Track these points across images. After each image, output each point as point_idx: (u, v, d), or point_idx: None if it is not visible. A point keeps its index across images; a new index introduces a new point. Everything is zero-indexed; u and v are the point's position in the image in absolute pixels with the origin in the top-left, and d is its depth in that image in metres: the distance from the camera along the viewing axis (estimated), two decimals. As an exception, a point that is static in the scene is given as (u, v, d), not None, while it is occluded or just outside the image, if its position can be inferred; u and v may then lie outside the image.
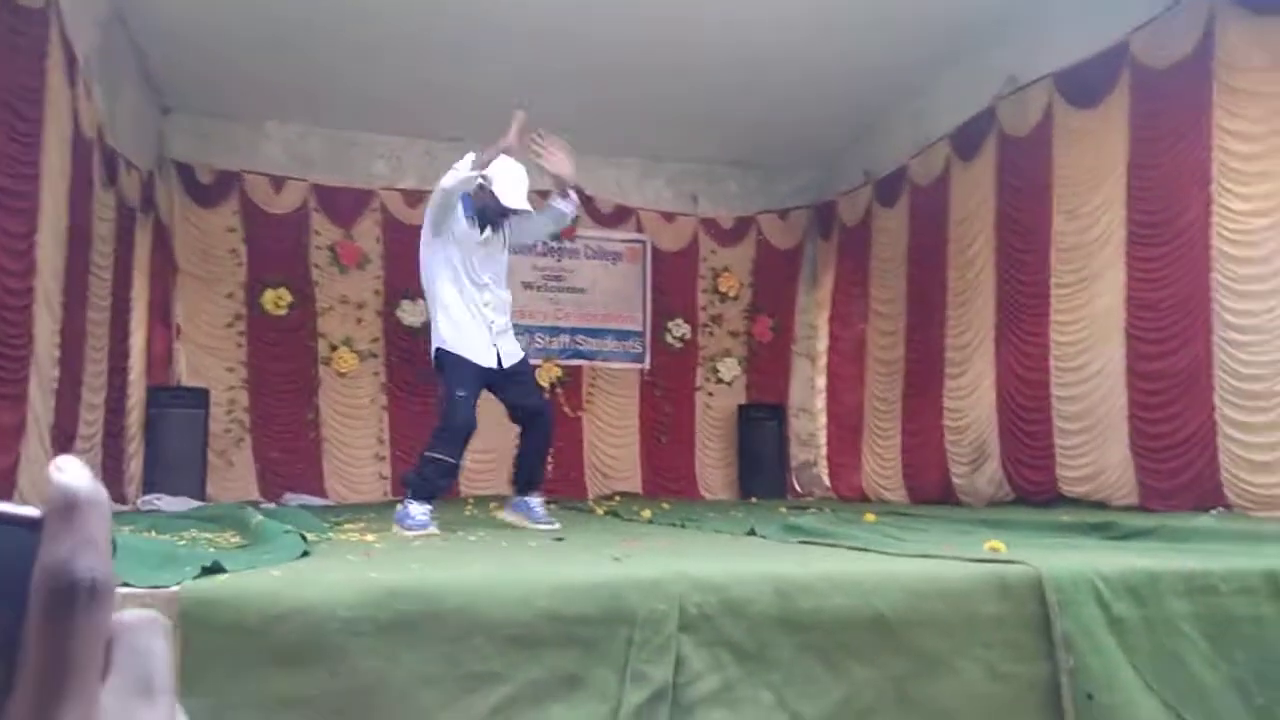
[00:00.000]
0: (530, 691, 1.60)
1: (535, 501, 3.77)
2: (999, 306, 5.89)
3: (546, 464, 4.15)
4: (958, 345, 6.27)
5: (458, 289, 3.73)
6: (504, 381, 3.79)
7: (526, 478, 3.86)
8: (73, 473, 0.28)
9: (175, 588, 1.59)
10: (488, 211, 3.76)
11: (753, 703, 1.65)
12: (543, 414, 3.92)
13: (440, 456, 3.56)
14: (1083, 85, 5.30)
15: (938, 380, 6.39)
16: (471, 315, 3.73)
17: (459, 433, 3.62)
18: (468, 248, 3.74)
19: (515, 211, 3.76)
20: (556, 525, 3.64)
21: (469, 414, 3.62)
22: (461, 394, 3.60)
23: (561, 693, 1.61)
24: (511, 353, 3.86)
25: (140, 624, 0.29)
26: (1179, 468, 4.60)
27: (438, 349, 3.75)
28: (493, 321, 3.79)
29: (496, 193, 3.70)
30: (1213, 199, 4.53)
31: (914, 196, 6.81)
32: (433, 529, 3.38)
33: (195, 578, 1.65)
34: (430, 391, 5.52)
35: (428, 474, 3.56)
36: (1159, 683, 1.77)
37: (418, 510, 3.46)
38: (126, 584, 1.59)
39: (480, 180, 3.69)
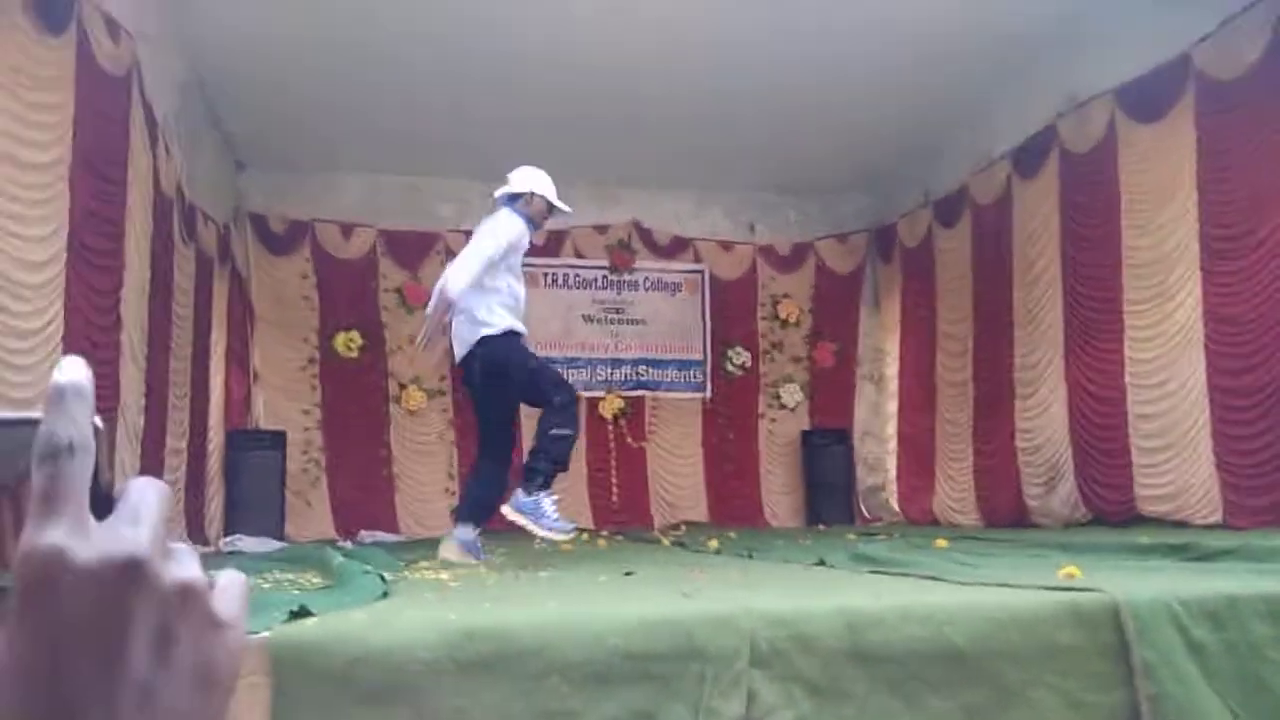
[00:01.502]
0: (605, 728, 1.63)
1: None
2: (1068, 324, 5.79)
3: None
4: (1027, 365, 6.16)
5: (508, 282, 3.80)
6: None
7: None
8: (66, 368, 0.32)
9: (265, 633, 1.67)
10: (536, 218, 3.96)
11: (826, 737, 1.66)
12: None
13: (569, 431, 3.52)
14: (1145, 99, 5.21)
15: (1008, 401, 6.28)
16: (519, 308, 3.83)
17: (574, 401, 3.63)
18: (519, 252, 3.84)
19: (554, 212, 4.01)
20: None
21: (567, 381, 3.70)
22: (552, 367, 3.62)
23: (636, 729, 1.63)
24: None
25: (142, 484, 0.33)
26: (1265, 485, 4.45)
27: (506, 331, 3.70)
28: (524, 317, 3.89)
29: (548, 197, 3.93)
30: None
31: (976, 216, 6.74)
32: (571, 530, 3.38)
33: (283, 622, 1.72)
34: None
35: (561, 453, 3.50)
36: (1243, 708, 1.72)
37: (551, 506, 3.42)
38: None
39: (531, 193, 3.91)
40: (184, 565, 0.32)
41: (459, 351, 3.88)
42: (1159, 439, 5.10)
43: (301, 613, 1.77)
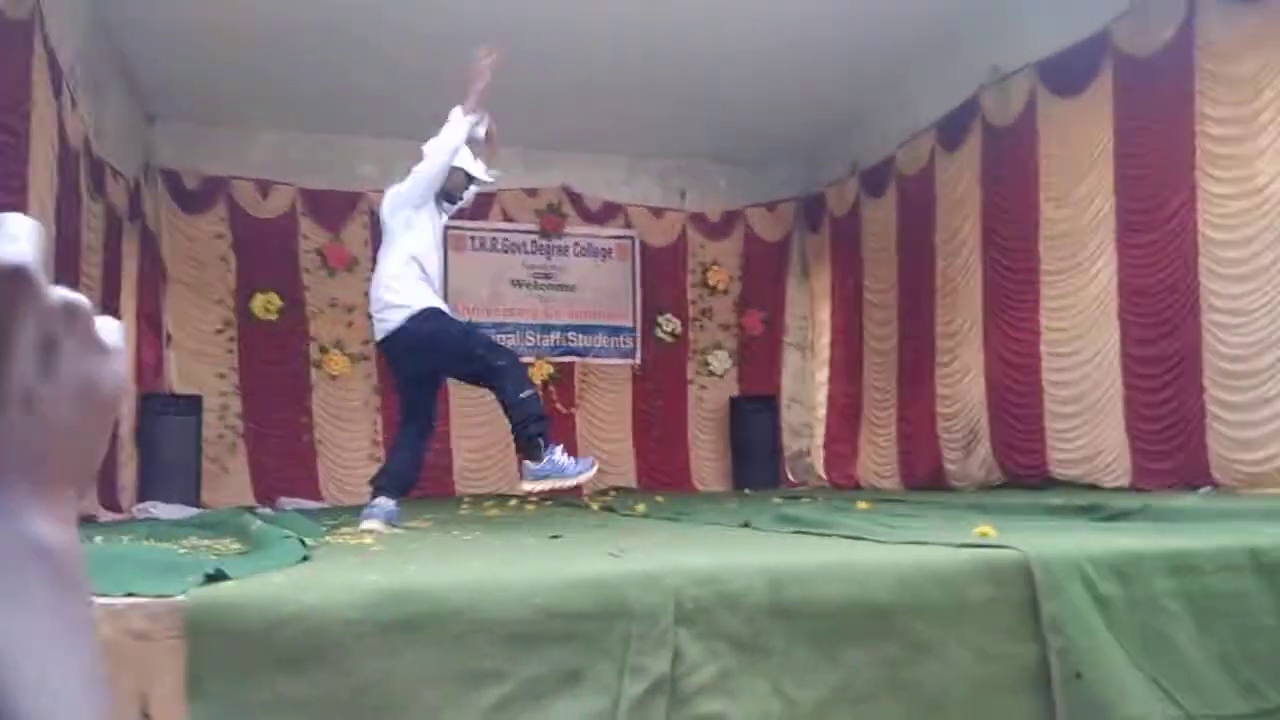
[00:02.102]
0: (531, 687, 1.63)
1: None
2: (987, 294, 5.95)
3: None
4: (948, 333, 6.32)
5: (426, 257, 3.67)
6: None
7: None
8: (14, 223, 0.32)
9: (181, 596, 1.62)
10: (454, 191, 3.84)
11: (749, 692, 1.69)
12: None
13: (533, 392, 3.46)
14: (1065, 74, 5.34)
15: (930, 368, 6.45)
16: (435, 285, 3.69)
17: (517, 362, 3.56)
18: (435, 222, 3.74)
19: (479, 182, 3.87)
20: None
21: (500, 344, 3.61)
22: (481, 331, 3.53)
23: (562, 687, 1.64)
24: None
25: (13, 215, 0.33)
26: (1171, 449, 4.67)
27: (425, 309, 3.57)
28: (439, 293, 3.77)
29: (467, 169, 3.80)
30: (1198, 184, 4.59)
31: (901, 186, 6.85)
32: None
33: (199, 585, 1.67)
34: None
35: (538, 409, 3.45)
36: (1146, 660, 1.81)
37: (563, 456, 3.38)
38: (131, 593, 1.61)
39: (456, 169, 3.80)
40: (66, 290, 0.33)
41: (379, 333, 3.72)
42: (1072, 405, 5.30)
43: (218, 576, 1.73)
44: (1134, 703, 1.76)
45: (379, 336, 3.72)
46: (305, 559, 2.19)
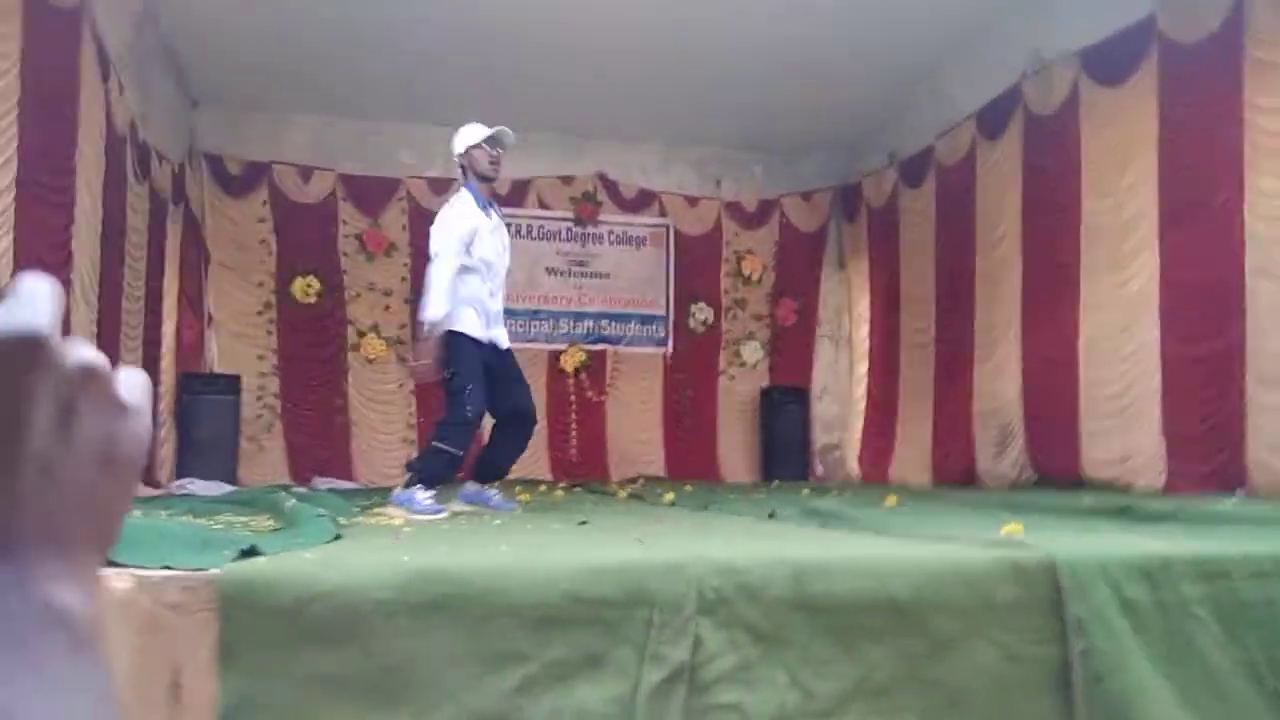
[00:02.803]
0: (554, 670, 1.65)
1: (492, 491, 3.78)
2: (1027, 288, 5.85)
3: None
4: (986, 328, 6.23)
5: (470, 273, 3.69)
6: (497, 368, 3.76)
7: (496, 471, 3.88)
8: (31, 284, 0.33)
9: (215, 571, 1.66)
10: (485, 172, 3.80)
11: (768, 682, 1.70)
12: (532, 416, 3.95)
13: (452, 454, 3.56)
14: (1109, 62, 5.23)
15: (968, 363, 6.36)
16: (478, 299, 3.72)
17: (472, 425, 3.63)
18: (482, 234, 3.74)
19: (496, 144, 3.77)
20: (515, 507, 3.68)
21: (481, 404, 3.62)
22: (472, 385, 3.57)
23: (584, 671, 1.66)
24: (503, 339, 3.86)
25: (31, 277, 0.33)
26: (1209, 452, 4.56)
27: (457, 333, 3.64)
28: (494, 311, 3.81)
29: (471, 150, 3.77)
30: (1245, 178, 4.48)
31: (940, 177, 6.77)
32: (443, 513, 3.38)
33: (233, 560, 1.72)
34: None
35: (441, 470, 3.56)
36: (1170, 666, 1.79)
37: (424, 496, 3.46)
38: (167, 566, 1.66)
39: (463, 153, 3.79)
40: (84, 349, 0.33)
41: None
42: (1109, 405, 5.21)
43: (252, 551, 1.77)
44: (1156, 709, 1.75)
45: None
46: (338, 538, 2.24)
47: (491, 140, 3.78)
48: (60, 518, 0.32)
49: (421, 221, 7.28)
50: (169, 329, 6.45)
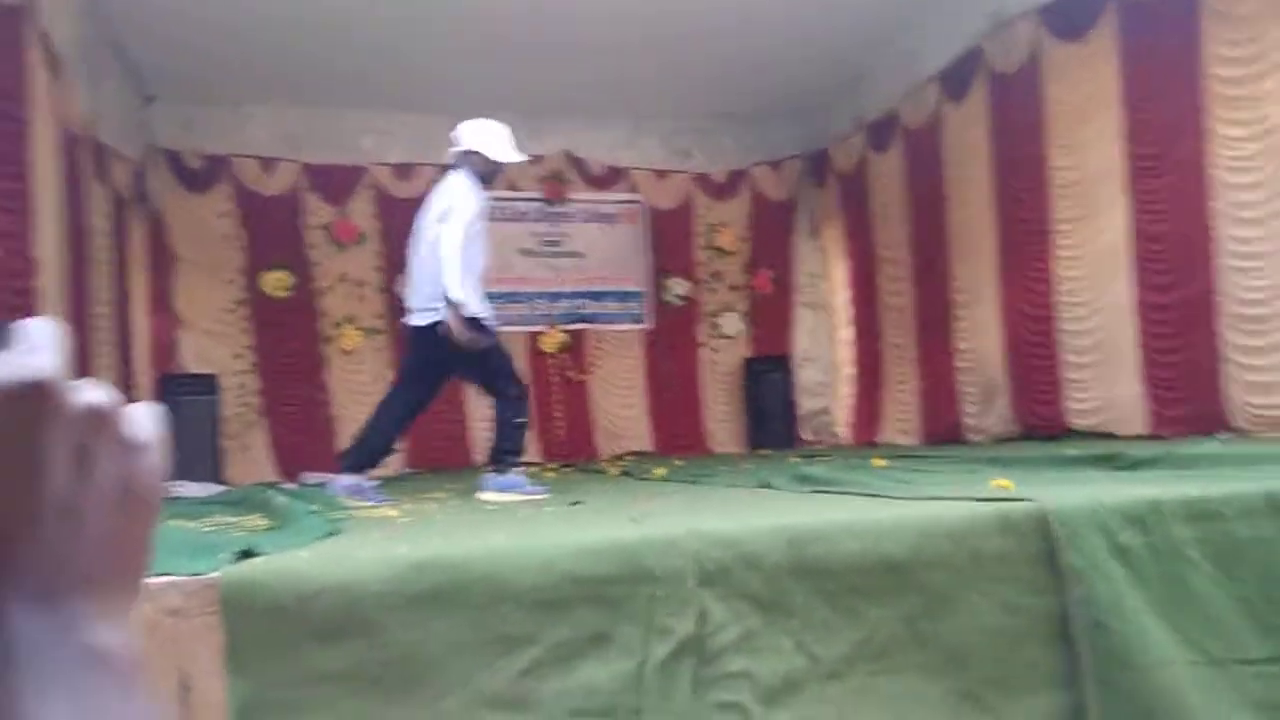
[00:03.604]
0: (559, 651, 1.66)
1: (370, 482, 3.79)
2: (1001, 245, 5.90)
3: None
4: (963, 287, 6.28)
5: (478, 258, 3.76)
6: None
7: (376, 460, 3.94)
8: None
9: (214, 574, 1.65)
10: (487, 176, 3.87)
11: (773, 650, 1.72)
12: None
13: (524, 422, 3.79)
14: (1070, 17, 5.25)
15: (947, 322, 6.41)
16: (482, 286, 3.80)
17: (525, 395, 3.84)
18: (483, 219, 3.80)
19: (505, 164, 3.91)
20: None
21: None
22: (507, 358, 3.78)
23: (590, 650, 1.67)
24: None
25: (35, 322, 0.33)
26: (1187, 395, 4.66)
27: (472, 318, 3.66)
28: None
29: (488, 154, 3.82)
30: (1209, 127, 4.53)
31: (907, 140, 6.78)
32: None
33: (232, 563, 1.70)
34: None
35: (519, 443, 3.75)
36: (1166, 607, 1.83)
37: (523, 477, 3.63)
38: (166, 573, 1.64)
39: (472, 152, 3.82)
40: (92, 391, 0.33)
41: (424, 319, 3.74)
42: (1088, 355, 5.28)
43: (249, 553, 1.76)
44: (1156, 649, 1.78)
45: (417, 322, 3.76)
46: (332, 534, 2.23)
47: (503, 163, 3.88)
48: (88, 560, 0.32)
49: (390, 208, 7.23)
50: (141, 330, 6.36)
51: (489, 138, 3.84)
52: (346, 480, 3.71)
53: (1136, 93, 4.89)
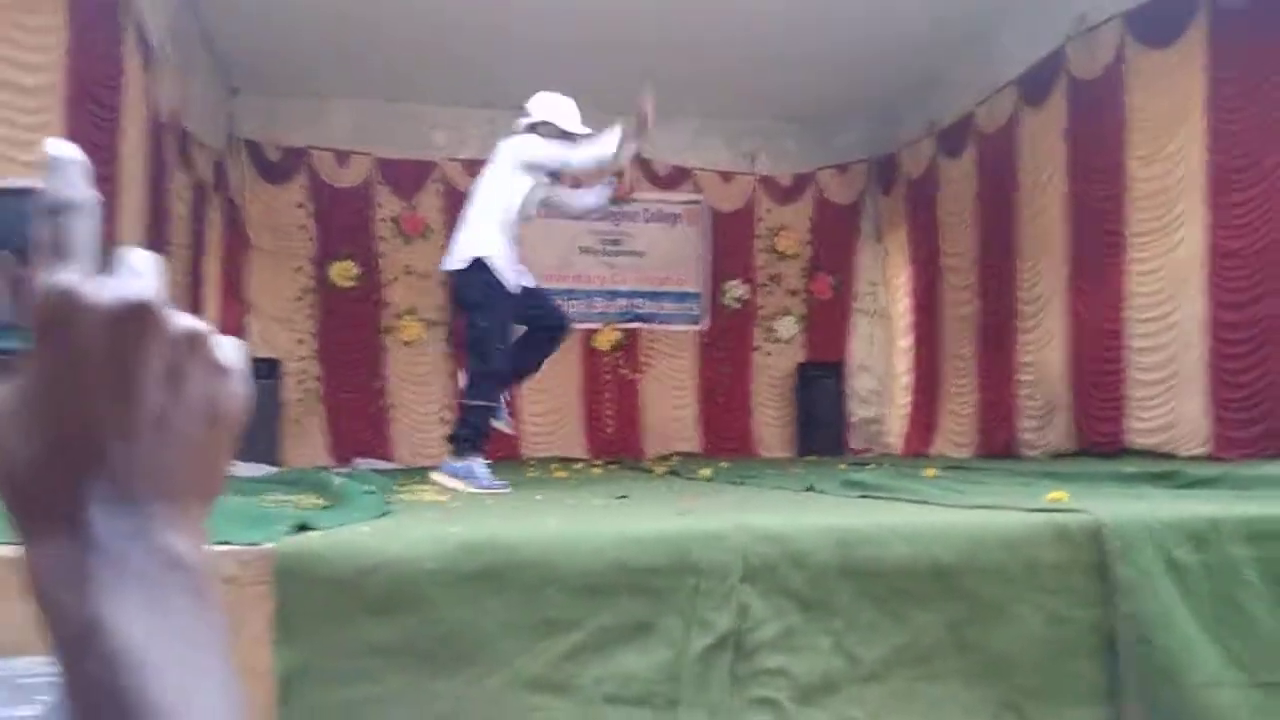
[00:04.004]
0: (602, 637, 1.69)
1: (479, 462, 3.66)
2: (1072, 257, 5.77)
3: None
4: (1030, 298, 6.16)
5: (514, 217, 3.80)
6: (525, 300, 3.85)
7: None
8: (56, 143, 0.36)
9: (269, 545, 1.71)
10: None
11: (813, 649, 1.72)
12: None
13: (485, 405, 3.59)
14: (1156, 24, 5.11)
15: (1012, 334, 6.30)
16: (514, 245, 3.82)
17: (502, 377, 3.67)
18: (537, 186, 3.87)
19: (577, 136, 3.93)
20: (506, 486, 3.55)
21: (506, 356, 3.66)
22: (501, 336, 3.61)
23: (631, 638, 1.69)
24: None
25: (136, 250, 0.35)
26: (1256, 417, 4.51)
27: (476, 260, 3.67)
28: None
29: (561, 124, 3.91)
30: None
31: (981, 145, 6.66)
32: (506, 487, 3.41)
33: (288, 535, 1.77)
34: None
35: (480, 425, 3.57)
36: (1218, 627, 1.79)
37: (482, 469, 3.50)
38: (224, 541, 1.71)
39: (543, 123, 3.91)
40: (188, 316, 0.35)
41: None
42: (1156, 372, 5.14)
43: (305, 526, 1.82)
44: (1203, 670, 1.75)
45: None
46: (386, 514, 2.29)
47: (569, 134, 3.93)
48: (173, 472, 0.34)
49: (456, 203, 7.33)
50: (210, 315, 6.58)
51: (561, 110, 3.92)
52: (455, 464, 3.59)
53: (1223, 102, 4.74)
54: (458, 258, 3.75)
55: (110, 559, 0.32)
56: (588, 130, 4.02)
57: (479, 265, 3.68)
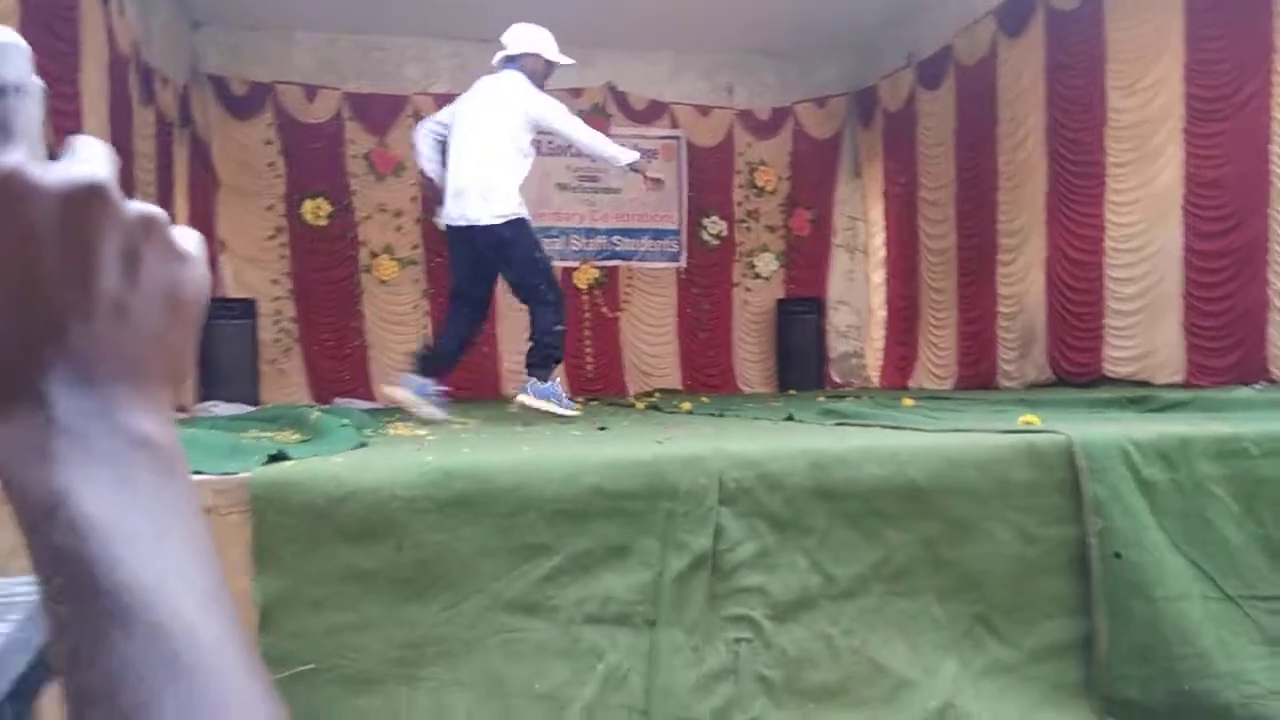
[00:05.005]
0: (580, 560, 1.70)
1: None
2: (1051, 189, 5.76)
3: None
4: (1010, 230, 6.15)
5: (527, 161, 3.83)
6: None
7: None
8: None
9: (245, 474, 1.70)
10: (535, 80, 3.90)
11: (788, 567, 1.74)
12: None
13: (563, 330, 3.74)
14: (1134, -48, 5.04)
15: (991, 267, 6.31)
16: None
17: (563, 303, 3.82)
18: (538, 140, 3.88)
19: (558, 68, 3.94)
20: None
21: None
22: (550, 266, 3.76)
23: (609, 561, 1.71)
24: None
25: (85, 138, 0.35)
26: (1229, 345, 4.57)
27: (518, 218, 3.75)
28: None
29: (545, 55, 3.87)
30: (1274, 69, 4.36)
31: (960, 77, 6.59)
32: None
33: (263, 465, 1.76)
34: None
35: (559, 348, 3.71)
36: (1187, 542, 1.82)
37: (562, 389, 3.66)
38: (199, 471, 1.70)
39: (526, 54, 3.87)
40: (143, 203, 0.35)
41: (462, 219, 3.81)
42: (1132, 303, 5.18)
43: (280, 456, 1.81)
44: (1173, 583, 1.79)
45: (460, 222, 3.78)
46: (363, 445, 2.28)
47: (554, 65, 3.91)
48: (135, 354, 0.34)
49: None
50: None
51: (542, 41, 3.84)
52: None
53: (1200, 33, 4.71)
54: (496, 213, 3.73)
55: (74, 436, 0.32)
56: (570, 60, 3.93)
57: (521, 223, 3.76)
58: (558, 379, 3.73)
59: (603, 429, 3.02)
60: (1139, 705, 1.71)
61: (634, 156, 3.91)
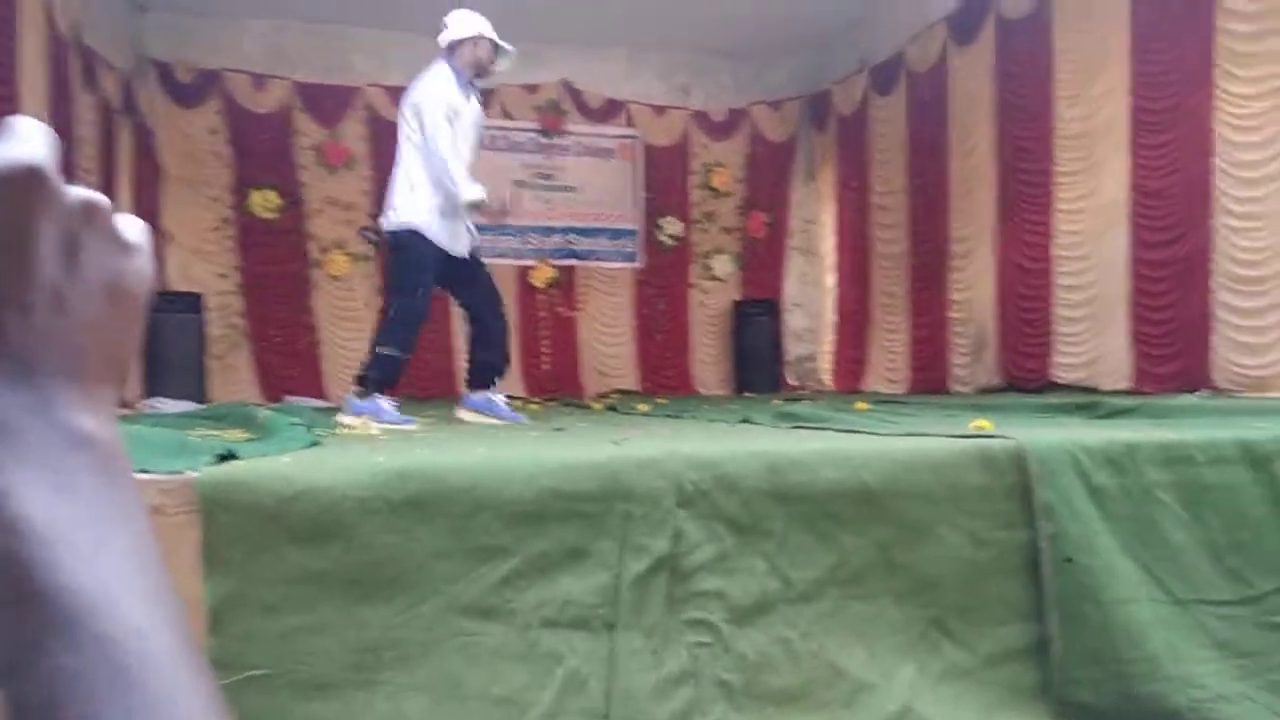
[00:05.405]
0: (537, 562, 1.68)
1: (499, 397, 3.75)
2: (1001, 196, 5.86)
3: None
4: (961, 237, 6.25)
5: (434, 155, 3.52)
6: (467, 271, 3.74)
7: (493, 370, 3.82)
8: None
9: (193, 474, 1.65)
10: (479, 66, 3.65)
11: (747, 571, 1.74)
12: (499, 300, 3.94)
13: (397, 355, 3.50)
14: (1082, -36, 5.15)
15: (942, 272, 6.40)
16: (449, 200, 3.56)
17: (414, 325, 3.56)
18: (460, 115, 3.59)
19: (498, 57, 3.70)
20: (522, 418, 3.66)
21: (426, 306, 3.57)
22: (422, 289, 3.50)
23: (567, 563, 1.69)
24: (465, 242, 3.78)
25: (23, 118, 0.32)
26: (1173, 353, 4.69)
27: (407, 230, 3.53)
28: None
29: (490, 36, 3.63)
30: (1216, 82, 4.48)
31: (911, 84, 6.68)
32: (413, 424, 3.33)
33: (211, 464, 1.71)
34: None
35: (389, 372, 3.50)
36: (1136, 546, 1.86)
37: (388, 403, 3.43)
38: (144, 469, 1.65)
39: (473, 37, 3.63)
40: (84, 189, 0.33)
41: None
42: (1080, 310, 5.30)
43: (229, 456, 1.76)
44: (1122, 587, 1.82)
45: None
46: (314, 444, 2.23)
47: (497, 49, 3.66)
48: (74, 348, 0.32)
49: (382, 131, 7.09)
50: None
51: (481, 28, 3.63)
52: (477, 398, 3.65)
53: (1146, 44, 4.83)
54: (391, 223, 3.69)
55: (10, 434, 0.30)
56: (511, 48, 3.76)
57: (409, 235, 3.63)
58: (382, 399, 3.48)
59: (560, 430, 3.00)
60: (1092, 709, 1.74)
61: (479, 195, 3.54)
